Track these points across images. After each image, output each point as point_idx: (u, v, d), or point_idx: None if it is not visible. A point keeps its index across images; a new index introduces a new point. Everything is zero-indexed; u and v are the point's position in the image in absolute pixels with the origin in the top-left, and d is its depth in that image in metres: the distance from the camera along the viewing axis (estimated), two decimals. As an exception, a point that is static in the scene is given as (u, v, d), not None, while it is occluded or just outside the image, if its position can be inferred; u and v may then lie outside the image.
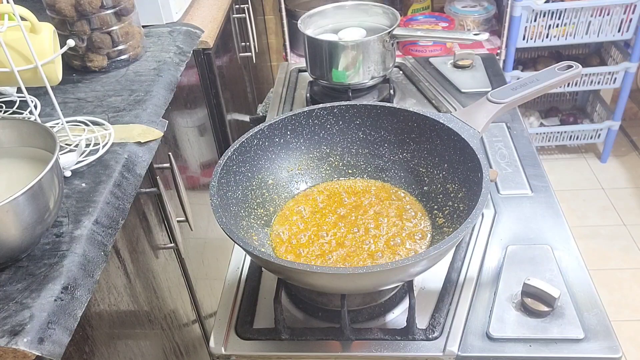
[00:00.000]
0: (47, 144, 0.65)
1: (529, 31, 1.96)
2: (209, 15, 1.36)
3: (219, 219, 0.63)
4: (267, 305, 0.74)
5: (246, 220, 0.75)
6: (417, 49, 1.99)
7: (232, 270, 0.80)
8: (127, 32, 1.04)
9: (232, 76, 1.59)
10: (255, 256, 0.61)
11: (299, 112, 0.81)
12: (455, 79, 1.19)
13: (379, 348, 0.67)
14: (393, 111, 0.81)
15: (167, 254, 1.03)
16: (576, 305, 0.68)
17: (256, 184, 0.79)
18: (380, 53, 1.08)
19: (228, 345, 0.69)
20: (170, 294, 1.02)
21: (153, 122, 0.90)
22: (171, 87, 1.02)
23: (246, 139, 0.77)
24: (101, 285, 0.73)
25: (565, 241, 0.78)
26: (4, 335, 0.53)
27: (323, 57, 1.09)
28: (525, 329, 0.66)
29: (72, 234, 0.66)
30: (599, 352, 0.63)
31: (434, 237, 0.74)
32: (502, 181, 0.90)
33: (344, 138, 0.84)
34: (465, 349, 0.65)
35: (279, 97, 1.20)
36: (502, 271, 0.74)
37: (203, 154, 1.34)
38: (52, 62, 0.79)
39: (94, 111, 0.92)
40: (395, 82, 1.20)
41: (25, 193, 0.56)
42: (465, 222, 0.60)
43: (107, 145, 0.82)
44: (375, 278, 0.60)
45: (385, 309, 0.72)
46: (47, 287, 0.59)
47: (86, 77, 1.04)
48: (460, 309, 0.70)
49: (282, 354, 0.68)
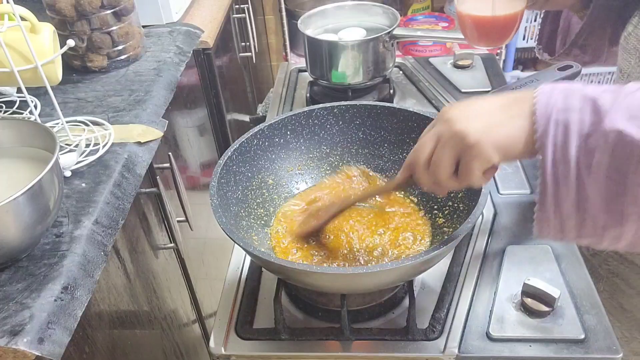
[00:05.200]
0: (47, 144, 0.65)
1: (529, 31, 1.96)
2: (209, 15, 1.36)
3: (219, 219, 0.63)
4: (267, 305, 0.74)
5: (246, 220, 0.75)
6: (417, 49, 1.99)
7: (232, 270, 0.80)
8: (127, 32, 1.04)
9: (232, 76, 1.60)
10: (255, 256, 0.61)
11: (299, 112, 0.81)
12: (455, 79, 1.19)
13: (379, 348, 0.67)
14: (393, 111, 0.81)
15: (167, 254, 1.03)
16: (576, 305, 0.68)
17: (256, 184, 0.79)
18: (380, 53, 1.08)
19: (228, 345, 0.69)
20: (170, 294, 1.02)
21: (153, 122, 0.90)
22: (171, 87, 1.02)
23: (246, 139, 0.77)
24: (101, 285, 0.73)
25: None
26: (4, 335, 0.53)
27: (323, 57, 1.09)
28: (525, 329, 0.66)
29: (72, 234, 0.66)
30: (599, 352, 0.63)
31: (434, 237, 0.74)
32: (502, 181, 0.90)
33: (344, 138, 0.84)
34: (465, 349, 0.65)
35: (279, 97, 1.20)
36: (502, 271, 0.74)
37: (203, 154, 1.34)
38: (52, 62, 0.79)
39: (94, 111, 0.92)
40: (395, 82, 1.20)
41: (25, 193, 0.56)
42: (465, 222, 0.60)
43: (107, 145, 0.82)
44: (375, 278, 0.60)
45: (385, 309, 0.72)
46: (47, 287, 0.59)
47: (86, 77, 1.04)
48: (460, 309, 0.70)
49: (282, 354, 0.68)
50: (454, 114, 0.53)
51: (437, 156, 0.54)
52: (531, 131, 0.50)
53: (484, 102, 0.54)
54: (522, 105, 0.51)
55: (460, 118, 0.53)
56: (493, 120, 0.51)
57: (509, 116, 0.51)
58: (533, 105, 0.50)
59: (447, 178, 0.55)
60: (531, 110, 0.50)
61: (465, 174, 0.54)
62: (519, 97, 0.52)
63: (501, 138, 0.51)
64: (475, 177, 0.53)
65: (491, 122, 0.51)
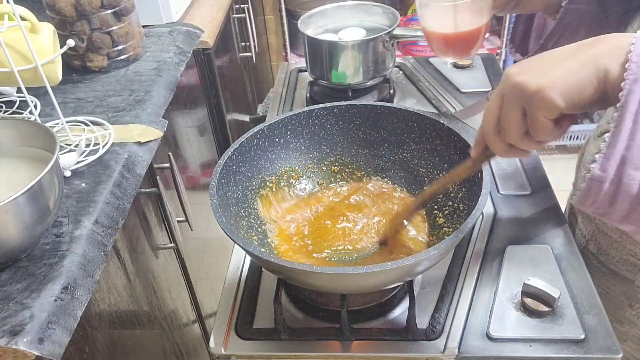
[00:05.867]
0: (47, 144, 0.65)
1: (529, 31, 1.96)
2: (209, 15, 1.36)
3: (219, 219, 0.63)
4: (267, 305, 0.74)
5: (246, 220, 0.75)
6: (417, 49, 1.99)
7: (232, 270, 0.80)
8: (127, 32, 1.04)
9: (232, 76, 1.60)
10: (255, 256, 0.61)
11: (299, 112, 0.81)
12: (455, 79, 1.19)
13: (379, 348, 0.67)
14: (393, 111, 0.81)
15: (167, 254, 1.03)
16: (576, 305, 0.68)
17: (256, 184, 0.79)
18: (380, 53, 1.08)
19: (228, 345, 0.69)
20: (170, 294, 1.02)
21: (153, 122, 0.90)
22: (171, 87, 1.02)
23: (246, 139, 0.77)
24: (101, 285, 0.73)
25: (565, 241, 0.78)
26: (4, 335, 0.53)
27: (323, 57, 1.09)
28: (525, 329, 0.66)
29: (72, 234, 0.66)
30: (599, 353, 0.63)
31: (434, 237, 0.74)
32: (502, 181, 0.91)
33: (344, 138, 0.84)
34: (465, 349, 0.65)
35: (279, 97, 1.20)
36: (502, 271, 0.74)
37: (203, 154, 1.34)
38: (52, 62, 0.79)
39: (94, 111, 0.92)
40: (395, 82, 1.20)
41: (25, 193, 0.56)
42: (465, 222, 0.60)
43: (107, 145, 0.82)
44: (375, 278, 0.60)
45: (385, 309, 0.72)
46: (47, 287, 0.59)
47: (86, 77, 1.04)
48: (460, 309, 0.70)
49: (282, 354, 0.68)
50: (516, 69, 0.51)
51: (504, 115, 0.52)
52: (611, 75, 0.47)
53: (551, 52, 0.51)
54: (602, 46, 0.48)
55: (521, 71, 0.50)
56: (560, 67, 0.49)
57: (582, 61, 0.48)
58: (631, 45, 0.47)
59: (519, 137, 0.52)
60: (622, 53, 0.47)
61: (534, 128, 0.50)
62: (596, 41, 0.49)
63: (569, 82, 0.48)
64: (545, 129, 0.50)
65: (557, 68, 0.49)
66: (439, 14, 0.87)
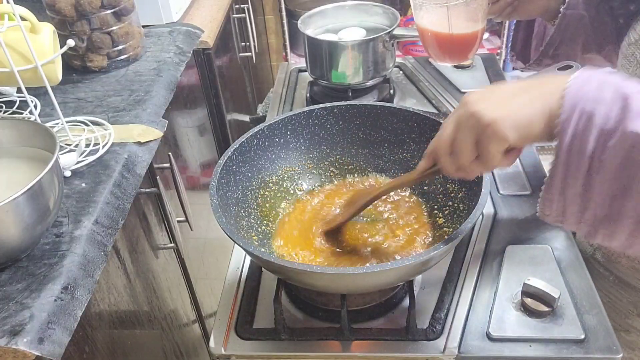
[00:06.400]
0: (47, 144, 0.65)
1: (529, 31, 1.96)
2: (209, 15, 1.36)
3: (219, 219, 0.63)
4: (267, 305, 0.74)
5: (246, 220, 0.75)
6: (417, 49, 1.99)
7: (232, 270, 0.80)
8: (127, 32, 1.04)
9: (232, 76, 1.60)
10: (255, 256, 0.61)
11: (299, 112, 0.81)
12: (455, 79, 1.19)
13: (379, 348, 0.67)
14: (393, 111, 0.81)
15: (167, 254, 1.03)
16: (576, 305, 0.68)
17: (256, 184, 0.79)
18: (380, 53, 1.08)
19: (228, 345, 0.69)
20: (170, 294, 1.02)
21: (153, 122, 0.90)
22: (171, 87, 1.02)
23: (246, 139, 0.77)
24: (101, 285, 0.73)
25: (565, 241, 0.78)
26: (4, 335, 0.53)
27: (323, 57, 1.09)
28: (525, 329, 0.66)
29: (72, 234, 0.66)
30: (599, 353, 0.63)
31: (434, 237, 0.74)
32: (502, 181, 0.91)
33: (344, 138, 0.84)
34: (465, 349, 0.65)
35: (279, 97, 1.20)
36: (502, 271, 0.74)
37: (203, 154, 1.34)
38: (52, 62, 0.79)
39: (94, 111, 0.92)
40: (395, 82, 1.20)
41: (25, 193, 0.56)
42: (465, 222, 0.60)
43: (107, 145, 0.82)
44: (375, 278, 0.60)
45: (385, 309, 0.72)
46: (47, 287, 0.59)
47: (86, 77, 1.04)
48: (460, 309, 0.70)
49: (282, 354, 0.68)
50: (474, 97, 0.53)
51: (457, 140, 0.54)
52: (553, 114, 0.49)
53: (505, 86, 0.54)
54: (548, 87, 0.51)
55: (479, 100, 0.52)
56: (512, 101, 0.51)
57: (531, 98, 0.51)
58: (564, 89, 0.49)
59: (470, 162, 0.54)
60: (561, 94, 0.49)
61: (484, 156, 0.53)
62: (544, 81, 0.52)
63: (519, 118, 0.50)
64: (494, 159, 0.53)
65: (510, 102, 0.51)
66: (433, 15, 0.88)
